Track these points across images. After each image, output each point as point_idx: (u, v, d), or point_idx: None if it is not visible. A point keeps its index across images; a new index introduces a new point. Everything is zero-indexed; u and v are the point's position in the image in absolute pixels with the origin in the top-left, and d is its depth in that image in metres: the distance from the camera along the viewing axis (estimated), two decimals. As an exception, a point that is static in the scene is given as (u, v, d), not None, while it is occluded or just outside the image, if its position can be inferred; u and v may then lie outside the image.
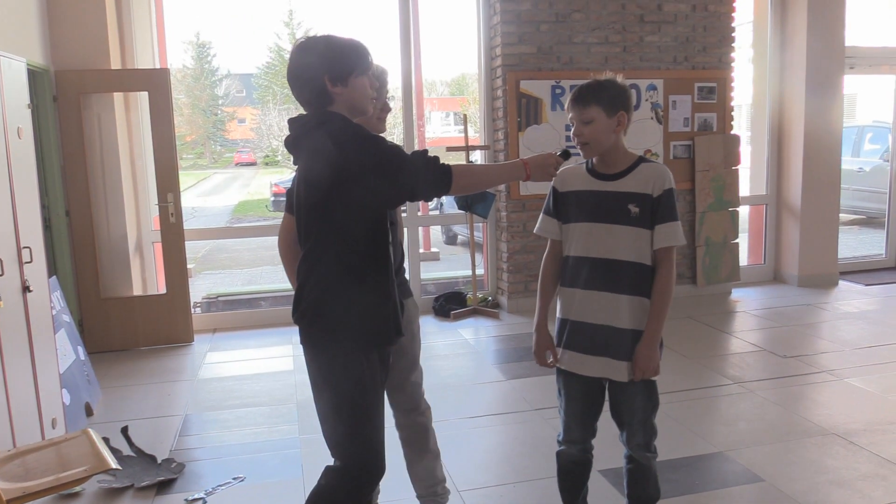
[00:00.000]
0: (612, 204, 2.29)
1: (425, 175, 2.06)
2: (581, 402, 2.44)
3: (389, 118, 2.62)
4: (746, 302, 6.35)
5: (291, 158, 2.20)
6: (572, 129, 2.32)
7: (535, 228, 2.51)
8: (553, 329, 2.46)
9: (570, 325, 2.38)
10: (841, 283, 6.89)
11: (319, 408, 2.20)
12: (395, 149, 2.06)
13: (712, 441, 3.52)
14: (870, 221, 11.18)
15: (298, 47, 2.13)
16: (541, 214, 2.49)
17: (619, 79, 2.31)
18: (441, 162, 2.10)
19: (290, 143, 2.16)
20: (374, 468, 2.18)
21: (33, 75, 4.74)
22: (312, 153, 2.08)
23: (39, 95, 4.90)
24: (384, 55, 7.19)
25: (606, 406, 2.45)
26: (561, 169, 2.30)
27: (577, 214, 2.36)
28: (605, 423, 2.49)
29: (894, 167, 7.56)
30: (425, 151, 2.11)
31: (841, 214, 7.10)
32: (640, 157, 2.35)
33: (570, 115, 2.31)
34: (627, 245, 2.28)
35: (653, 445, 2.44)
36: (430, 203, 8.37)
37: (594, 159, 2.36)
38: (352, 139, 2.03)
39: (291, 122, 2.16)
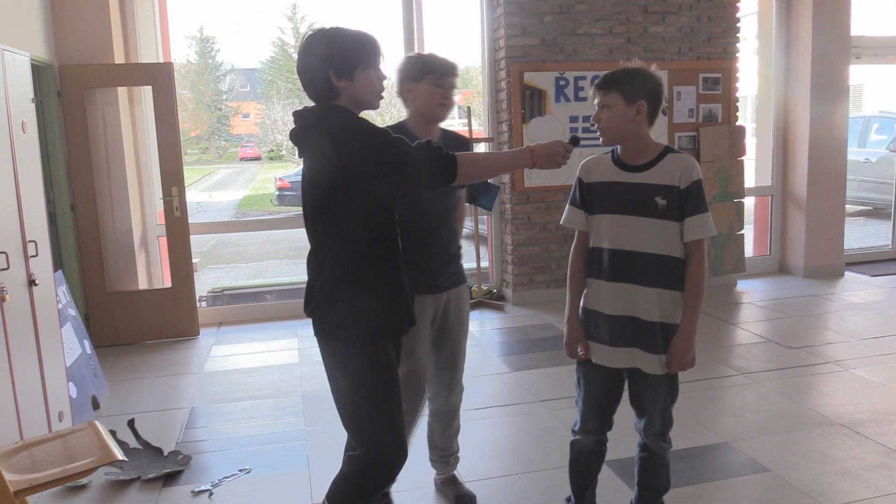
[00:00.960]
0: (639, 196, 2.27)
1: (429, 166, 2.06)
2: (600, 393, 2.44)
3: (393, 111, 2.69)
4: (752, 293, 6.34)
5: (296, 151, 2.20)
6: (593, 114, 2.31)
7: (562, 220, 2.49)
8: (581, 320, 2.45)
9: (597, 317, 2.37)
10: (847, 273, 6.87)
11: (338, 398, 2.21)
12: (397, 141, 2.05)
13: (718, 432, 3.52)
14: (876, 212, 11.13)
15: (305, 41, 2.13)
16: (567, 205, 2.46)
17: (652, 68, 2.28)
18: (445, 151, 2.09)
19: (295, 136, 2.16)
20: (399, 454, 2.21)
21: (37, 70, 4.75)
22: (313, 153, 2.09)
23: (43, 90, 4.91)
24: (388, 49, 7.17)
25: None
26: (580, 157, 2.29)
27: (604, 206, 2.34)
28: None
29: (900, 157, 7.52)
30: (429, 142, 2.10)
31: (847, 205, 7.07)
32: (667, 147, 2.31)
33: (594, 99, 2.29)
34: (654, 237, 2.26)
35: (668, 436, 2.44)
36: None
37: (619, 149, 2.33)
38: (353, 135, 2.03)
39: (297, 114, 2.16)
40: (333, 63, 2.07)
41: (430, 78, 2.58)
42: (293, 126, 2.17)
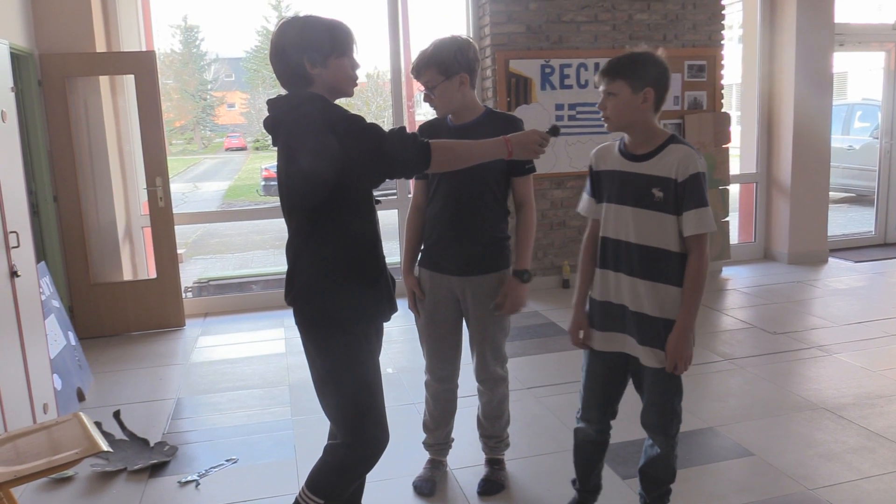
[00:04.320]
0: (637, 187, 2.23)
1: (404, 153, 2.05)
2: (602, 382, 2.44)
3: (379, 101, 2.69)
4: (737, 279, 6.38)
5: (270, 139, 2.19)
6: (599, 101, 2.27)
7: (578, 207, 2.49)
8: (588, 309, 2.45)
9: (599, 306, 2.37)
10: (830, 260, 6.93)
11: (320, 387, 2.21)
12: (373, 127, 2.05)
13: (703, 417, 3.54)
14: (859, 199, 11.22)
15: (279, 28, 2.12)
16: (583, 194, 2.45)
17: (659, 53, 2.21)
18: (419, 139, 2.09)
19: (270, 124, 2.15)
20: (382, 440, 2.22)
21: (17, 59, 4.69)
22: (291, 141, 2.07)
23: (24, 80, 4.85)
24: (373, 37, 7.14)
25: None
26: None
27: (608, 195, 2.32)
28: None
29: (884, 145, 7.58)
30: (403, 128, 2.10)
31: (831, 192, 7.12)
32: (672, 136, 2.24)
33: (600, 86, 2.24)
34: (651, 230, 2.22)
35: (672, 430, 2.39)
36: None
37: (626, 138, 2.30)
38: (330, 123, 2.02)
39: (271, 102, 2.15)
40: (307, 50, 2.06)
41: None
42: (267, 115, 2.16)
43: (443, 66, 2.61)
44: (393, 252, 3.17)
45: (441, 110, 2.71)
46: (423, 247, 2.86)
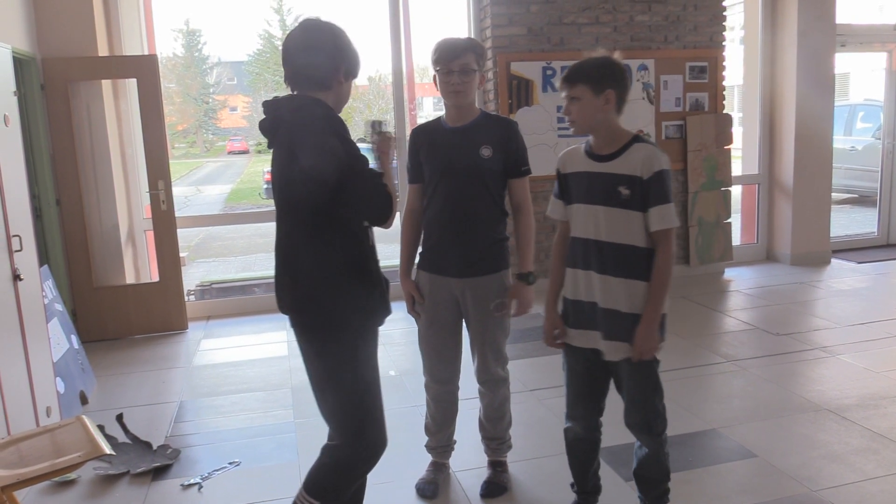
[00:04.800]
0: (604, 186, 2.29)
1: (376, 202, 2.09)
2: (583, 380, 2.47)
3: (381, 103, 2.73)
4: (739, 281, 6.37)
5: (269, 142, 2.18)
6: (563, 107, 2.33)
7: (547, 211, 2.53)
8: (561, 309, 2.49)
9: (572, 304, 2.41)
10: (833, 261, 6.91)
11: (321, 388, 2.21)
12: (364, 160, 2.08)
13: (706, 418, 3.54)
14: (862, 200, 11.20)
15: (320, 25, 2.13)
16: (551, 197, 2.50)
17: (616, 55, 2.29)
18: (389, 193, 2.10)
19: (269, 125, 2.14)
20: (382, 443, 2.23)
21: (20, 63, 4.70)
22: (293, 145, 2.06)
23: (27, 84, 4.86)
24: (374, 39, 7.15)
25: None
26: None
27: (577, 196, 2.37)
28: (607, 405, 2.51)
29: (886, 146, 7.57)
30: (380, 175, 2.11)
31: (833, 193, 7.11)
32: (635, 136, 2.32)
33: (562, 92, 2.31)
34: (619, 228, 2.28)
35: (657, 428, 2.41)
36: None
37: (591, 140, 2.35)
38: (333, 127, 2.05)
39: (269, 104, 2.14)
40: (346, 60, 2.12)
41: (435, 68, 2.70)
42: (264, 117, 2.15)
43: (480, 58, 2.70)
44: (393, 255, 3.17)
45: (463, 98, 2.70)
46: (421, 250, 2.87)
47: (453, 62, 2.63)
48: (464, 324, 2.87)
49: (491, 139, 2.69)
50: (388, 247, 5.15)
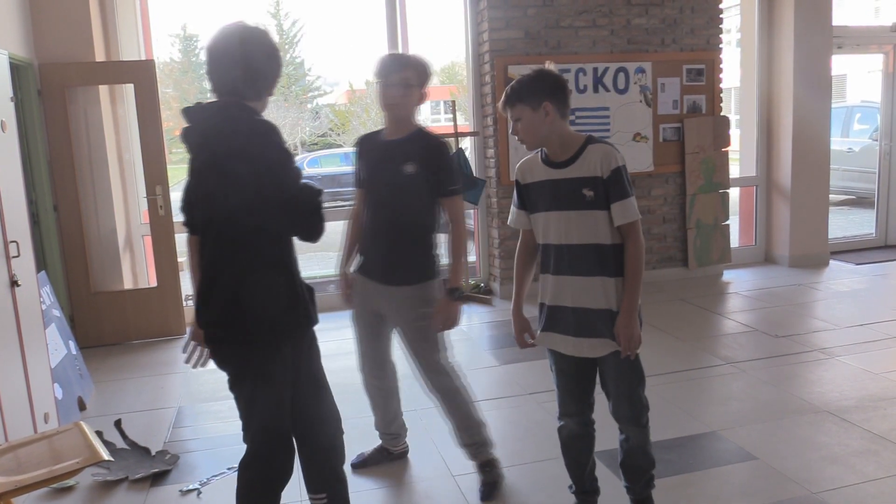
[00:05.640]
0: (569, 191, 2.34)
1: (305, 217, 2.09)
2: (571, 377, 2.51)
3: (375, 107, 2.80)
4: (738, 283, 6.37)
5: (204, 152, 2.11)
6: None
7: (508, 220, 2.60)
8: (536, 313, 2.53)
9: (548, 310, 2.46)
10: (832, 262, 6.92)
11: (239, 402, 2.31)
12: (298, 172, 2.08)
13: (705, 421, 3.53)
14: (859, 201, 11.21)
15: (263, 31, 2.09)
16: (511, 207, 2.56)
17: (548, 66, 2.38)
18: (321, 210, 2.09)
19: (197, 136, 2.08)
20: (288, 457, 2.32)
21: (17, 69, 4.70)
22: (228, 158, 2.00)
23: (24, 89, 4.85)
24: (372, 44, 7.14)
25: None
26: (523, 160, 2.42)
27: (540, 204, 2.42)
28: (599, 406, 2.51)
29: (883, 147, 7.58)
30: (319, 192, 2.10)
31: (831, 195, 7.12)
32: (588, 137, 2.38)
33: (506, 115, 2.40)
34: (587, 229, 2.33)
35: (643, 419, 2.48)
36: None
37: (544, 149, 2.41)
38: (275, 145, 2.03)
39: (194, 111, 2.08)
40: (280, 71, 2.15)
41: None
42: (187, 125, 2.10)
43: (422, 76, 2.80)
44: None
45: (398, 110, 2.79)
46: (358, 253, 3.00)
47: (392, 75, 2.72)
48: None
49: (416, 157, 2.75)
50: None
